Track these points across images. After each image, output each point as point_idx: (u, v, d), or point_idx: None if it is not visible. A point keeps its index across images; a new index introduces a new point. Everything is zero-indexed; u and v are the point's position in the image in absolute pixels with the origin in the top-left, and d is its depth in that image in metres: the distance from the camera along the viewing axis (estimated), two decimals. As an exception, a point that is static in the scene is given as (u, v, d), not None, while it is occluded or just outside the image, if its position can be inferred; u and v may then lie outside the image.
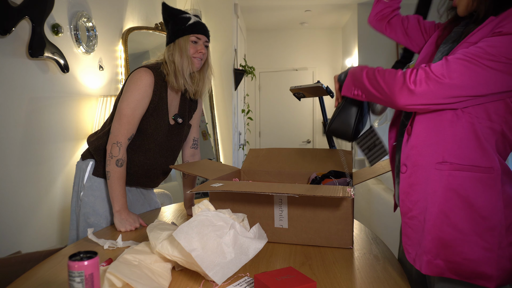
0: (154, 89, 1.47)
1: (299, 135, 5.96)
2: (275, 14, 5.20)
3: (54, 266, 1.08)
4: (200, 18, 1.57)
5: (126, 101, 1.44)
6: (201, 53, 1.51)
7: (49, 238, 1.92)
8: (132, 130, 1.46)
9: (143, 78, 1.45)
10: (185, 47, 1.49)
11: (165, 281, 0.94)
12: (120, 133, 1.44)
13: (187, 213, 1.67)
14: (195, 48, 1.50)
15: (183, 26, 1.49)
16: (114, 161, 1.43)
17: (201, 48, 1.51)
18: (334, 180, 1.45)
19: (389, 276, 0.99)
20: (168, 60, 1.50)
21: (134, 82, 1.45)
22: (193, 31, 1.49)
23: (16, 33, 1.68)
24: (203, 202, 1.08)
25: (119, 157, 1.44)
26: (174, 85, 1.51)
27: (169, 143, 1.59)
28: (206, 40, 1.54)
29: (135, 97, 1.44)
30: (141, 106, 1.46)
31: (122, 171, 1.45)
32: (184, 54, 1.49)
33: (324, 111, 2.37)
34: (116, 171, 1.44)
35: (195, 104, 1.70)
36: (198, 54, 1.51)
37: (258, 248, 1.00)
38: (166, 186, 3.04)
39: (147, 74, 1.46)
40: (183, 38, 1.49)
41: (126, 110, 1.44)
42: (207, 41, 1.55)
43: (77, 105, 2.16)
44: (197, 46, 1.51)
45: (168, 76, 1.50)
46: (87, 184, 1.54)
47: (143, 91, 1.45)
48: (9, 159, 1.66)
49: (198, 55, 1.51)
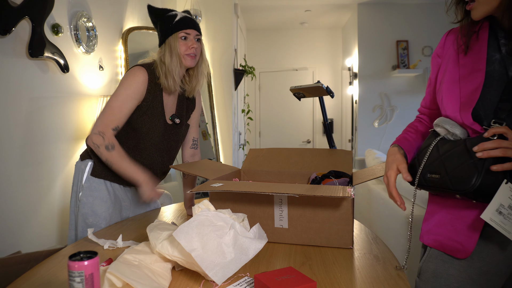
0: (148, 87, 1.46)
1: (299, 135, 5.96)
2: (275, 14, 5.20)
3: (54, 266, 1.08)
4: (190, 14, 1.54)
5: (115, 95, 1.43)
6: (193, 48, 1.48)
7: (49, 238, 1.92)
8: (116, 121, 1.42)
9: (136, 75, 1.44)
10: (175, 45, 1.46)
11: (165, 281, 0.94)
12: (103, 122, 1.41)
13: (187, 213, 1.67)
14: (186, 45, 1.47)
15: (170, 24, 1.46)
16: (102, 148, 1.40)
17: (192, 44, 1.47)
18: (334, 180, 1.45)
19: (389, 276, 0.99)
20: (160, 62, 1.48)
21: (126, 79, 1.45)
22: (180, 27, 1.46)
23: (16, 33, 1.68)
24: (203, 202, 1.08)
25: (105, 144, 1.40)
26: (165, 86, 1.49)
27: (166, 143, 1.58)
28: (196, 34, 1.49)
29: (125, 91, 1.43)
30: (130, 101, 1.43)
31: (118, 152, 1.42)
32: (174, 53, 1.46)
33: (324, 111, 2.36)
34: (111, 155, 1.41)
35: (193, 104, 1.69)
36: (190, 50, 1.47)
37: (258, 248, 1.00)
38: (166, 186, 3.05)
39: (141, 72, 1.45)
40: (172, 36, 1.46)
41: (113, 103, 1.42)
42: (198, 35, 1.51)
43: (77, 105, 2.16)
44: (187, 42, 1.47)
45: (160, 78, 1.48)
46: (86, 184, 1.53)
47: (135, 87, 1.43)
48: (9, 159, 1.66)
49: (190, 51, 1.47)
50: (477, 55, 0.98)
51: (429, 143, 1.03)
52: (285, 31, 5.92)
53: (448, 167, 0.93)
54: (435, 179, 0.96)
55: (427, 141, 1.05)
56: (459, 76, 1.01)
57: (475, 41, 1.00)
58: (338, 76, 5.86)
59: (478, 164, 0.87)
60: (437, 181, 0.95)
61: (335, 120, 5.87)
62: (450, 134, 1.00)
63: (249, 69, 4.32)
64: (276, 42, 5.95)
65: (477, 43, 1.00)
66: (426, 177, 0.98)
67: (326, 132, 2.11)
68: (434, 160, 0.98)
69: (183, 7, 3.67)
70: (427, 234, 1.09)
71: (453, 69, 1.03)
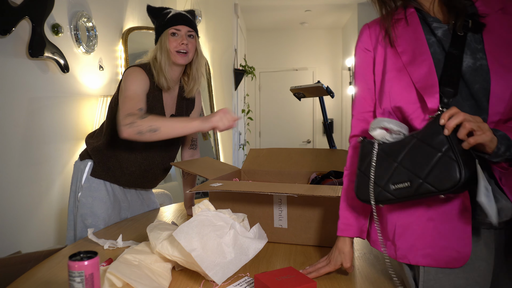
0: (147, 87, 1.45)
1: (299, 135, 5.96)
2: (275, 14, 5.20)
3: (54, 266, 1.08)
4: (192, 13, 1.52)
5: (125, 89, 1.38)
6: (183, 44, 1.42)
7: (49, 238, 1.92)
8: (139, 104, 1.33)
9: (136, 72, 1.42)
10: (165, 42, 1.42)
11: (165, 281, 0.94)
12: (125, 109, 1.30)
13: (187, 213, 1.67)
14: (176, 41, 1.42)
15: (163, 21, 1.44)
16: (147, 135, 1.23)
17: (182, 40, 1.42)
18: (334, 180, 1.45)
19: (389, 276, 0.99)
20: (153, 60, 1.46)
21: (128, 76, 1.42)
22: (171, 24, 1.42)
23: (16, 33, 1.68)
24: (203, 202, 1.08)
25: (143, 129, 1.23)
26: (159, 85, 1.46)
27: (166, 143, 1.57)
28: (188, 30, 1.44)
29: (133, 84, 1.38)
30: (141, 88, 1.39)
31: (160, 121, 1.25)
32: (163, 50, 1.42)
33: (324, 111, 2.37)
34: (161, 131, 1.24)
35: (192, 103, 1.67)
36: (180, 47, 1.42)
37: (258, 248, 1.00)
38: (166, 186, 3.04)
39: (140, 71, 1.43)
40: (164, 33, 1.43)
41: (126, 93, 1.36)
42: (190, 31, 1.45)
43: (77, 105, 2.16)
44: (177, 38, 1.42)
45: (154, 76, 1.45)
46: (85, 185, 1.52)
47: (140, 79, 1.41)
48: (9, 159, 1.66)
49: (180, 47, 1.42)
50: (415, 40, 0.94)
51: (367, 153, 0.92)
52: (285, 31, 5.92)
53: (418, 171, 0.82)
54: (405, 188, 0.84)
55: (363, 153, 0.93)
56: (402, 64, 0.94)
57: (406, 27, 0.96)
58: (338, 76, 5.86)
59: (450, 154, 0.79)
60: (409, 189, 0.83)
61: (335, 120, 5.86)
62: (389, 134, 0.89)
63: (249, 69, 4.32)
64: (276, 42, 5.95)
65: (409, 29, 0.96)
66: (391, 190, 0.86)
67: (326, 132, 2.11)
68: (390, 168, 0.87)
69: (183, 7, 3.67)
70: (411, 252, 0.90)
71: (394, 58, 0.96)
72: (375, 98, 1.02)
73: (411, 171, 0.83)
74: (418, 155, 0.83)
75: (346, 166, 1.06)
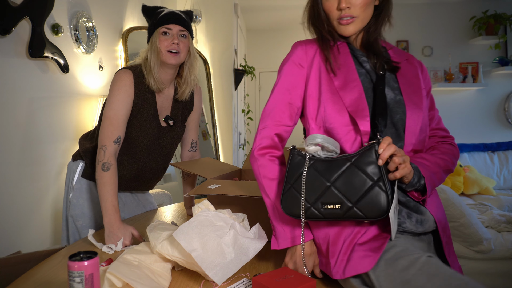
0: (135, 90, 1.40)
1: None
2: (275, 14, 5.20)
3: (54, 266, 1.08)
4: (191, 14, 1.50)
5: (108, 103, 1.38)
6: (174, 44, 1.37)
7: (49, 238, 1.92)
8: (117, 132, 1.36)
9: (121, 78, 1.39)
10: (155, 41, 1.39)
11: (165, 281, 0.94)
12: (104, 136, 1.34)
13: (187, 213, 1.67)
14: (166, 41, 1.37)
15: (155, 21, 1.41)
16: (100, 166, 1.32)
17: (173, 39, 1.38)
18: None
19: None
20: (144, 61, 1.42)
21: (114, 84, 1.40)
22: (162, 23, 1.38)
23: (16, 33, 1.68)
24: (203, 202, 1.08)
25: (104, 161, 1.32)
26: (149, 86, 1.41)
27: (160, 147, 1.53)
28: (180, 30, 1.40)
29: (116, 97, 1.37)
30: (124, 106, 1.37)
31: (109, 176, 1.30)
32: (153, 50, 1.39)
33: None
34: (102, 176, 1.30)
35: (190, 104, 1.61)
36: (171, 47, 1.37)
37: (258, 248, 1.00)
38: (166, 186, 3.04)
39: (126, 74, 1.39)
40: (155, 32, 1.40)
41: (108, 112, 1.36)
42: (183, 30, 1.40)
43: (77, 105, 2.16)
44: (168, 38, 1.38)
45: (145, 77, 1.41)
46: (77, 186, 1.50)
47: (123, 91, 1.38)
48: (9, 159, 1.66)
49: (171, 47, 1.37)
50: (346, 67, 1.01)
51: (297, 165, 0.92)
52: (285, 31, 5.92)
53: (350, 195, 0.86)
54: (335, 210, 0.87)
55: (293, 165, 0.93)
56: (336, 87, 0.99)
57: (338, 54, 1.04)
58: (338, 76, 5.86)
59: (381, 184, 0.84)
60: (338, 212, 0.86)
61: (335, 120, 5.87)
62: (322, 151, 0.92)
63: (249, 69, 4.32)
64: (276, 42, 5.95)
65: (341, 56, 1.03)
66: (321, 210, 0.88)
67: (326, 132, 2.11)
68: (321, 187, 0.88)
69: (183, 7, 3.67)
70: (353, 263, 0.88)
71: (327, 81, 1.01)
72: (294, 117, 1.09)
73: (343, 194, 0.87)
74: (351, 180, 0.87)
75: (267, 175, 1.04)
